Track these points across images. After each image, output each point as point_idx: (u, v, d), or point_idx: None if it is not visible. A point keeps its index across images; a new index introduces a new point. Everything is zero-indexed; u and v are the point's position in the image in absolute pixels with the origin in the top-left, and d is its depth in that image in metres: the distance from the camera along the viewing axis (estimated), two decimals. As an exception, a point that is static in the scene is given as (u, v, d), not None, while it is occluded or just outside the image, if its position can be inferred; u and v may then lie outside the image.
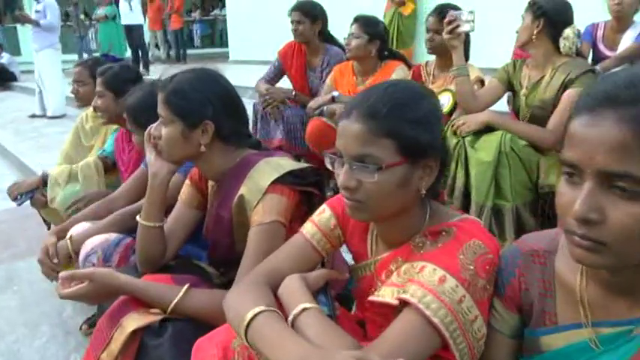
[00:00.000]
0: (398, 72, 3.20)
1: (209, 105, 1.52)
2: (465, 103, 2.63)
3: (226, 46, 14.21)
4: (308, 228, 1.34)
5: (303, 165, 1.57)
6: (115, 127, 2.74)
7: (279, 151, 1.66)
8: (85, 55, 12.50)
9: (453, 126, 2.55)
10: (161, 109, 1.53)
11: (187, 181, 1.78)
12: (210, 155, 1.58)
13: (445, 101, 2.93)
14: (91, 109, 2.93)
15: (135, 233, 1.71)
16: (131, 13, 9.87)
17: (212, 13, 19.32)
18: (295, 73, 3.71)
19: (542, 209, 2.50)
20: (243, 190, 1.52)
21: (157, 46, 14.06)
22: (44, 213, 2.77)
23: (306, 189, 1.56)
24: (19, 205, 2.75)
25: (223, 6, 18.13)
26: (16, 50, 14.83)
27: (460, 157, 2.47)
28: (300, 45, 3.68)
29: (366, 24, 3.21)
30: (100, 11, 10.89)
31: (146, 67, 10.26)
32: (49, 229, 2.92)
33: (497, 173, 2.38)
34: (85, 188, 2.59)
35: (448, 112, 2.90)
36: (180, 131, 1.52)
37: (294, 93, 3.59)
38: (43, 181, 2.67)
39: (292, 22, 3.57)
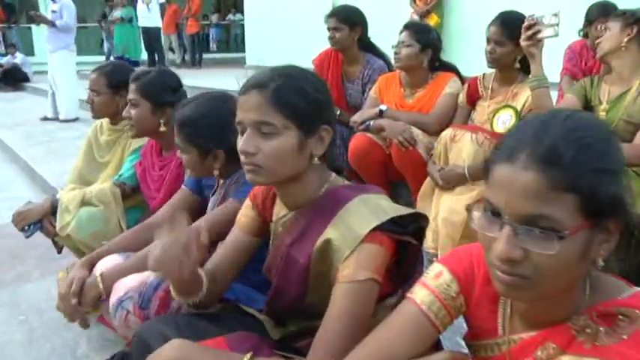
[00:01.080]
0: (451, 85, 2.92)
1: (327, 109, 1.31)
2: None
3: (241, 51, 13.98)
4: (422, 296, 1.06)
5: (405, 209, 1.27)
6: (137, 142, 2.43)
7: (374, 187, 1.35)
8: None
9: None
10: (274, 115, 1.22)
11: (248, 202, 1.50)
12: (307, 176, 1.31)
13: (506, 119, 2.61)
14: (106, 119, 2.64)
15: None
16: (149, 15, 9.61)
17: (227, 18, 19.14)
18: (331, 84, 3.39)
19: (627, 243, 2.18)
20: (331, 233, 1.23)
21: (171, 49, 13.83)
22: (56, 238, 2.46)
23: (407, 239, 1.27)
24: (28, 237, 2.44)
25: (237, 11, 18.04)
26: (29, 50, 14.63)
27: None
28: (337, 53, 3.38)
29: (418, 31, 2.92)
30: (116, 13, 10.70)
31: (162, 71, 9.98)
32: (59, 252, 2.61)
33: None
34: (106, 212, 2.29)
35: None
36: (296, 139, 1.23)
37: (338, 112, 3.26)
38: (52, 208, 2.37)
39: (329, 28, 3.27)
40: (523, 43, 2.28)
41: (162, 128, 2.21)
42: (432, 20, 6.94)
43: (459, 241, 2.41)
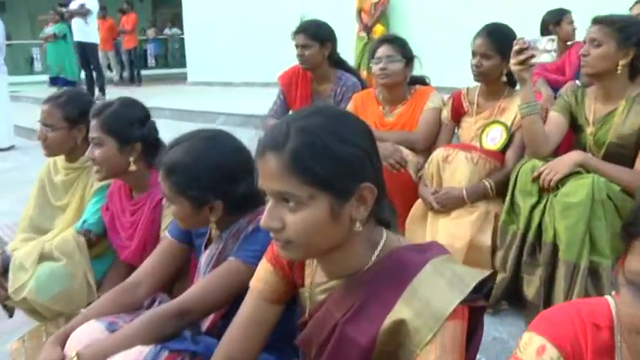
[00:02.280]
0: (433, 99, 2.77)
1: (365, 163, 1.06)
2: (536, 147, 2.22)
3: (181, 66, 13.61)
4: None
5: (480, 273, 1.08)
6: (101, 181, 2.14)
7: (435, 245, 1.15)
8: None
9: (534, 178, 2.11)
10: (295, 183, 1.01)
11: (268, 266, 1.27)
12: (352, 244, 1.09)
13: (496, 135, 2.48)
14: (61, 157, 2.34)
15: (175, 341, 1.31)
16: (87, 28, 9.02)
17: (164, 32, 18.60)
18: (300, 105, 3.19)
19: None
20: (404, 311, 1.02)
21: (109, 67, 13.25)
22: (8, 302, 2.12)
23: (482, 304, 1.08)
24: None
25: (174, 25, 17.55)
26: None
27: (546, 209, 2.04)
28: (305, 71, 3.18)
29: (401, 45, 2.76)
30: (49, 29, 10.09)
31: (102, 90, 9.47)
32: (11, 316, 2.28)
33: (591, 226, 1.97)
34: (70, 267, 1.99)
35: (500, 149, 2.46)
36: (328, 208, 1.01)
37: None
38: (3, 266, 2.05)
39: (297, 46, 3.07)
40: (514, 67, 2.14)
41: (133, 167, 1.95)
42: (378, 31, 6.94)
43: (460, 267, 2.26)
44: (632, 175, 2.06)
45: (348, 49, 7.10)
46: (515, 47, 2.11)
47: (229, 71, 10.44)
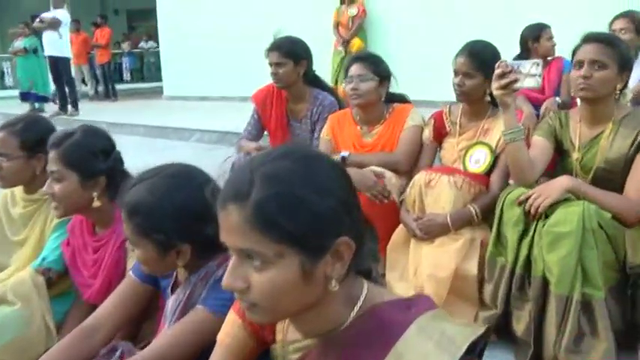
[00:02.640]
0: (413, 117, 2.66)
1: (342, 215, 0.93)
2: (521, 174, 2.12)
3: (157, 80, 13.40)
4: None
5: (472, 330, 0.95)
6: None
7: (422, 299, 1.02)
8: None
9: (520, 202, 2.00)
10: (261, 240, 0.89)
11: (235, 319, 1.15)
12: (327, 303, 0.95)
13: (480, 157, 2.39)
14: (19, 188, 2.18)
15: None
16: (58, 42, 8.77)
17: (139, 46, 18.38)
18: (275, 126, 3.08)
19: (631, 295, 2.00)
20: None
21: (83, 81, 12.99)
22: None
23: None
24: None
25: (150, 38, 17.34)
26: None
27: (534, 240, 1.93)
28: (280, 90, 3.05)
29: (374, 63, 2.65)
30: (18, 43, 9.84)
31: (75, 106, 9.22)
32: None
33: (582, 256, 1.87)
34: (26, 311, 1.83)
35: (485, 172, 2.36)
36: (298, 267, 0.88)
37: None
38: None
39: (270, 64, 2.94)
40: (496, 92, 2.03)
41: (97, 203, 1.80)
42: (355, 45, 6.90)
43: (446, 297, 2.15)
44: (622, 201, 1.97)
45: (325, 63, 7.06)
46: (497, 71, 2.00)
47: (206, 85, 10.29)
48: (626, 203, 1.96)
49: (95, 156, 1.81)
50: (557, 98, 3.65)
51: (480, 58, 2.34)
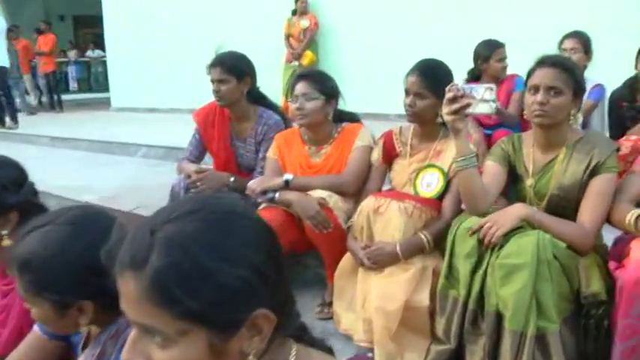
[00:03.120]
0: (362, 137, 2.54)
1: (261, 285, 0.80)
2: (474, 203, 2.01)
3: (105, 90, 12.96)
4: None
5: None
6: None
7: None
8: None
9: (473, 232, 1.89)
10: (160, 316, 0.75)
11: None
12: None
13: (432, 181, 2.28)
14: None
15: None
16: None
17: (86, 54, 17.79)
18: (218, 146, 2.90)
19: (584, 325, 1.92)
20: None
21: (25, 91, 12.41)
22: None
23: None
24: None
25: (97, 47, 16.79)
26: None
27: (487, 273, 1.83)
28: (223, 109, 2.89)
29: (319, 81, 2.52)
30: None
31: (14, 119, 8.74)
32: None
33: (537, 289, 1.77)
34: None
35: (437, 196, 2.26)
36: (206, 344, 0.76)
37: (232, 179, 2.76)
38: None
39: (212, 81, 2.77)
40: (447, 117, 1.93)
41: (7, 242, 1.60)
42: (307, 58, 6.81)
43: (396, 330, 2.03)
44: (577, 230, 1.89)
45: (276, 76, 6.93)
46: (449, 95, 1.89)
47: (155, 97, 10.00)
48: (581, 232, 1.89)
49: (5, 188, 1.61)
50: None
51: (432, 78, 2.24)
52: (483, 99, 1.85)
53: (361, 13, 7.17)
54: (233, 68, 2.74)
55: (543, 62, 1.99)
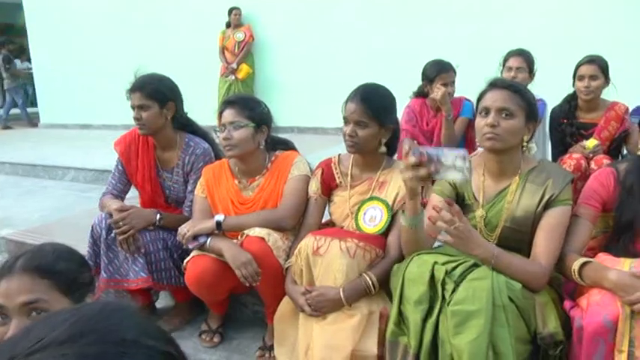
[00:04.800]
0: (298, 166, 2.35)
1: None
2: (416, 249, 1.86)
3: (34, 105, 12.24)
4: None
5: None
6: None
7: None
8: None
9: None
10: None
11: None
12: None
13: (376, 215, 2.11)
14: None
15: None
16: None
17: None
18: (142, 178, 2.64)
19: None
20: None
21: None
22: None
23: None
24: None
25: (26, 58, 15.83)
26: None
27: (440, 320, 1.66)
28: (146, 137, 2.63)
29: (248, 107, 2.30)
30: None
31: None
32: None
33: (493, 335, 1.62)
34: None
35: (382, 232, 2.08)
36: None
37: (159, 216, 2.49)
38: None
39: (133, 107, 2.51)
40: (404, 175, 1.71)
41: None
42: (243, 71, 6.61)
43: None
44: (534, 268, 1.76)
45: (212, 91, 6.67)
46: (411, 159, 1.67)
47: (87, 112, 9.49)
48: (538, 270, 1.76)
49: None
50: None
51: (373, 105, 2.06)
52: (454, 165, 1.62)
53: (298, 24, 7.01)
54: (154, 93, 2.49)
55: (495, 84, 1.88)
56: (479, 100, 1.90)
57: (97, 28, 9.16)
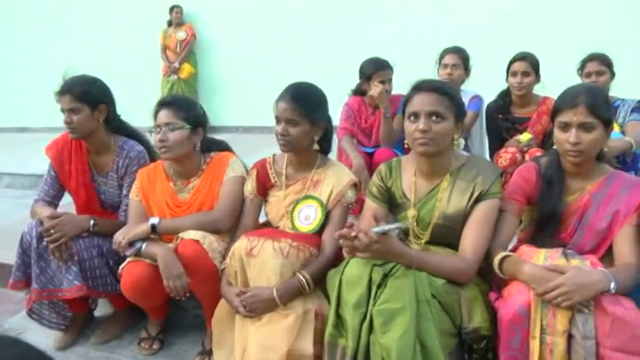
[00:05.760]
0: (233, 167, 2.35)
1: None
2: None
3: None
4: None
5: None
6: None
7: None
8: None
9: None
10: None
11: None
12: None
13: (311, 214, 2.13)
14: None
15: None
16: None
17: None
18: (76, 183, 2.57)
19: (469, 357, 1.88)
20: None
21: None
22: None
23: None
24: None
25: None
26: None
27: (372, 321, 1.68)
28: (79, 142, 2.56)
29: (183, 108, 2.29)
30: None
31: None
32: None
33: (419, 330, 1.66)
34: None
35: (316, 230, 2.10)
36: None
37: (92, 222, 2.43)
38: None
39: (63, 111, 2.45)
40: (341, 242, 1.71)
41: None
42: (186, 71, 6.54)
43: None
44: (460, 263, 1.82)
45: (155, 90, 6.54)
46: (342, 232, 1.69)
47: (23, 115, 9.12)
48: (464, 265, 1.82)
49: None
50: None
51: (304, 103, 2.08)
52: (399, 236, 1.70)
53: (240, 23, 6.97)
54: (84, 95, 2.43)
55: (421, 87, 1.89)
56: (406, 103, 1.92)
57: (31, 24, 8.84)
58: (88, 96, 2.44)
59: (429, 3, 6.11)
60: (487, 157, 3.63)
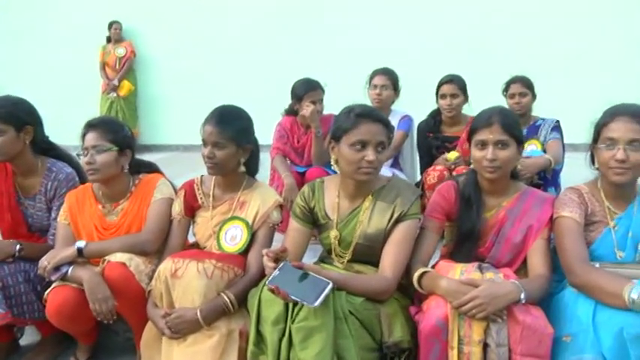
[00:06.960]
0: (161, 189, 2.37)
1: None
2: None
3: None
4: None
5: None
6: None
7: None
8: None
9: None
10: None
11: None
12: None
13: (237, 234, 2.19)
14: None
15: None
16: None
17: None
18: (1, 206, 2.50)
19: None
20: None
21: None
22: None
23: None
24: None
25: None
26: None
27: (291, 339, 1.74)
28: (4, 164, 2.52)
29: (110, 130, 2.30)
30: None
31: None
32: None
33: (338, 346, 1.74)
34: None
35: (242, 250, 2.15)
36: None
37: (18, 247, 2.38)
38: None
39: None
40: (265, 260, 1.82)
41: None
42: (125, 88, 6.48)
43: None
44: (380, 282, 1.92)
45: (94, 108, 6.44)
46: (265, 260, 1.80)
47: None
48: (383, 283, 1.92)
49: None
50: None
51: (230, 126, 2.14)
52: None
53: (181, 40, 6.95)
54: (9, 117, 2.39)
55: (363, 115, 1.97)
56: (345, 131, 1.96)
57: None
58: (12, 118, 2.40)
59: (359, 27, 6.30)
60: (418, 174, 3.77)
